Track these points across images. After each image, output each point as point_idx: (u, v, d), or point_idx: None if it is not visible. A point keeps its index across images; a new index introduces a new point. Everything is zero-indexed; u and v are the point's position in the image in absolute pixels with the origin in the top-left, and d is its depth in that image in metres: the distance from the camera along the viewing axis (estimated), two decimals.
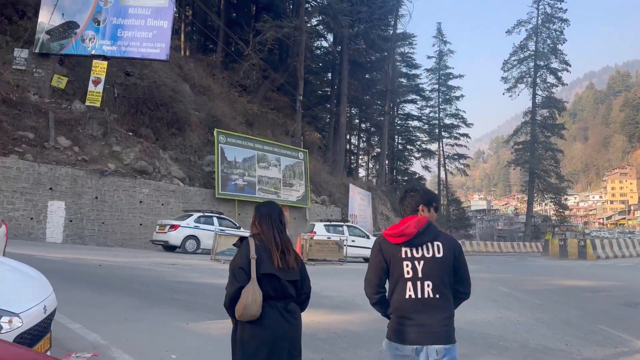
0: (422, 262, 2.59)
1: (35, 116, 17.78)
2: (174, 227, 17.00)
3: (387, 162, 51.14)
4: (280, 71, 34.87)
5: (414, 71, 60.84)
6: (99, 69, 19.03)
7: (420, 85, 62.44)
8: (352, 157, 52.09)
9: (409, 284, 2.59)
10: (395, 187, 52.65)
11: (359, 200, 29.51)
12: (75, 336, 4.97)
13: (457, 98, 64.27)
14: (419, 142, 63.78)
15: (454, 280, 2.69)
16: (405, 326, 2.54)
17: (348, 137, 50.11)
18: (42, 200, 16.49)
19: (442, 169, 63.08)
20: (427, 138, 64.15)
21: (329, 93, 43.12)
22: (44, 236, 16.30)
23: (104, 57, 19.29)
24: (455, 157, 63.87)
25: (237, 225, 19.00)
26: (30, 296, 3.45)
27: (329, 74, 43.70)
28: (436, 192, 73.39)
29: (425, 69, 65.42)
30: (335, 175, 33.93)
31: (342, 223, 20.37)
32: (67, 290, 6.71)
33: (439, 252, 2.63)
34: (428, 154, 63.21)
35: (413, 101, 62.64)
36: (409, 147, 63.74)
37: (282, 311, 2.76)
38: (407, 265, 2.60)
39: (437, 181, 64.40)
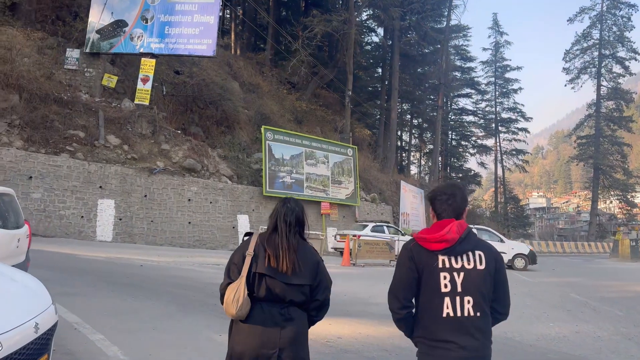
0: (462, 274, 2.27)
1: (85, 115, 17.94)
2: (356, 237, 17.27)
3: (440, 158, 49.43)
4: (329, 67, 34.23)
5: (468, 64, 58.70)
6: (147, 67, 19.01)
7: (476, 79, 60.10)
8: (404, 154, 50.75)
9: (447, 299, 2.25)
10: None
11: (410, 198, 28.41)
12: (95, 349, 4.45)
13: (515, 91, 61.47)
14: (474, 138, 61.46)
15: (492, 297, 2.36)
16: (444, 350, 2.20)
17: (399, 133, 48.89)
18: (92, 198, 16.58)
19: (499, 165, 60.53)
20: (483, 133, 61.78)
21: (379, 88, 42.05)
22: (94, 234, 16.37)
23: (152, 55, 19.27)
24: (513, 152, 61.06)
25: (402, 232, 20.45)
26: (17, 313, 2.89)
27: (379, 69, 42.64)
28: (493, 190, 70.97)
29: (481, 62, 62.87)
30: (386, 173, 32.94)
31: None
32: (99, 294, 6.31)
33: (480, 264, 2.30)
34: (484, 149, 60.77)
35: (468, 95, 60.37)
36: (463, 143, 61.51)
37: (274, 314, 2.58)
38: (445, 278, 2.26)
39: (493, 178, 61.90)
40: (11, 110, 16.15)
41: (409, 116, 51.13)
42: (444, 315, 2.24)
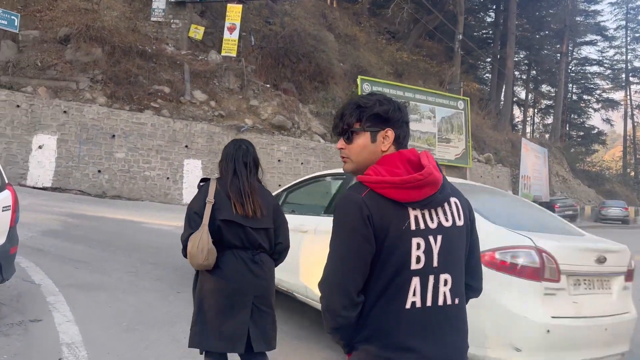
0: (439, 239, 1.46)
1: (170, 69, 16.71)
2: None
3: (564, 113, 43.74)
4: (434, 13, 30.71)
5: (593, 7, 50.96)
6: (234, 13, 17.30)
7: (602, 23, 52.28)
8: (520, 109, 45.60)
9: (415, 281, 1.43)
10: (569, 144, 45.14)
11: (532, 159, 24.62)
12: None
13: None
14: (598, 91, 54.13)
15: None
16: None
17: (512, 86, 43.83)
18: (178, 158, 15.42)
19: (629, 121, 52.95)
20: (610, 85, 54.15)
21: (490, 35, 37.46)
22: (181, 197, 15.26)
23: (238, 1, 17.47)
24: None
25: None
26: None
27: (491, 13, 37.85)
28: (614, 150, 62.70)
29: (609, 3, 54.58)
30: (500, 130, 29.19)
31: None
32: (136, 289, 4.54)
33: (459, 217, 1.52)
34: (610, 104, 53.38)
35: (592, 43, 52.63)
36: (585, 97, 54.43)
37: (247, 262, 2.50)
38: (419, 246, 1.43)
39: (622, 136, 54.43)
40: (94, 64, 15.25)
41: (524, 67, 45.58)
42: (408, 306, 1.42)
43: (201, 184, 2.65)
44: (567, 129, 51.39)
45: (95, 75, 15.19)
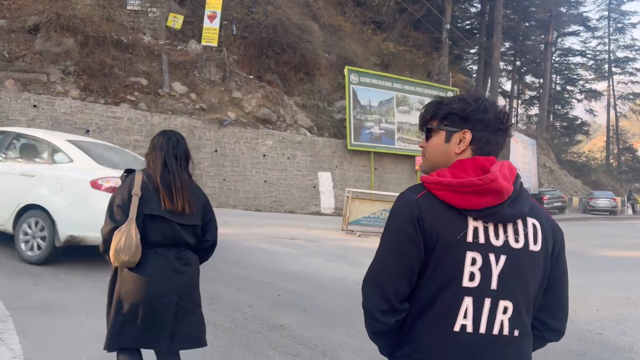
0: (502, 259, 1.30)
1: (148, 60, 15.87)
2: None
3: (549, 103, 43.60)
4: (419, 2, 30.12)
5: None
6: (214, 1, 16.55)
7: (585, 14, 52.20)
8: (506, 101, 45.41)
9: (468, 301, 1.28)
10: (554, 135, 45.09)
11: (522, 151, 24.26)
12: None
13: (634, 25, 53.41)
14: (581, 82, 54.24)
15: (540, 302, 1.39)
16: None
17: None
18: None
19: (612, 111, 53.13)
20: (593, 76, 54.31)
21: (476, 25, 37.00)
22: None
23: None
24: (630, 97, 53.26)
25: None
26: None
27: (476, 4, 37.40)
28: (596, 140, 63.06)
29: None
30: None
31: None
32: None
33: (535, 242, 1.34)
34: (593, 94, 53.49)
35: (575, 33, 52.57)
36: (569, 87, 54.50)
37: (171, 259, 2.38)
38: (474, 262, 1.28)
39: (606, 126, 54.68)
40: (65, 55, 14.34)
41: (510, 58, 45.29)
42: (457, 329, 1.27)
43: (125, 175, 2.47)
44: (551, 119, 51.43)
45: (67, 67, 14.29)
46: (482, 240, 1.29)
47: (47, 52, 14.25)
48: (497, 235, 1.30)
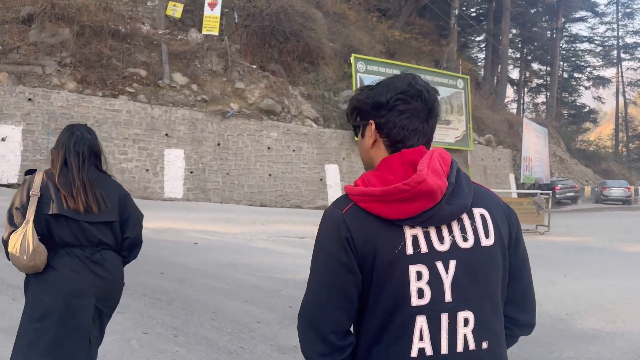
0: (452, 265, 1.15)
1: (147, 50, 15.29)
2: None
3: (558, 91, 42.77)
4: None
5: None
6: None
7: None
8: (513, 89, 44.62)
9: (421, 322, 1.13)
10: (562, 123, 44.30)
11: (534, 139, 23.55)
12: None
13: None
14: (589, 69, 53.27)
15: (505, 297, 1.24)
16: None
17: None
18: (157, 148, 14.09)
19: (620, 98, 52.18)
20: (601, 63, 53.27)
21: (483, 11, 36.16)
22: (162, 191, 13.98)
23: None
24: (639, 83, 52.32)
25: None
26: None
27: None
28: (613, 126, 62.18)
29: None
30: (496, 110, 28.11)
31: None
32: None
33: (486, 235, 1.19)
34: (601, 82, 52.52)
35: (583, 19, 51.57)
36: (576, 75, 53.57)
37: (85, 261, 2.25)
38: (420, 276, 1.13)
39: (614, 113, 53.78)
40: (61, 46, 13.77)
41: (518, 44, 44.40)
42: (414, 354, 1.12)
43: (27, 176, 2.37)
44: (558, 107, 50.63)
45: (63, 59, 13.73)
46: (424, 249, 1.14)
47: (42, 43, 13.68)
48: (441, 239, 1.15)
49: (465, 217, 1.17)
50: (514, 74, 48.35)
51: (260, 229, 8.93)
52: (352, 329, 1.22)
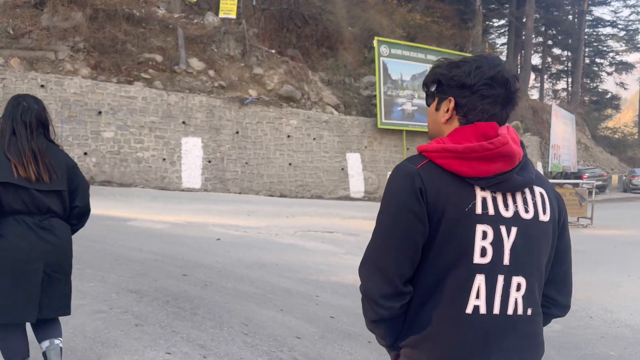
0: (513, 231, 1.21)
1: (162, 34, 14.73)
2: None
3: (582, 77, 41.44)
4: None
5: None
6: None
7: None
8: (536, 75, 43.39)
9: (480, 280, 1.18)
10: (586, 110, 42.98)
11: (562, 127, 22.60)
12: None
13: None
14: (611, 54, 51.58)
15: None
16: None
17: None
18: (174, 136, 13.58)
19: None
20: (624, 47, 51.50)
21: None
22: (180, 181, 13.49)
23: None
24: None
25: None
26: None
27: None
28: (633, 113, 60.49)
29: None
30: (520, 97, 27.10)
31: None
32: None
33: (544, 212, 1.26)
34: (624, 67, 50.81)
35: (605, 3, 49.86)
36: (598, 60, 51.93)
37: (34, 227, 2.33)
38: (485, 236, 1.18)
39: (637, 100, 52.14)
40: (74, 31, 13.27)
41: (541, 29, 43.04)
42: (469, 311, 1.17)
43: None
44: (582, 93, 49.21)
45: (76, 43, 13.24)
46: (491, 211, 1.19)
47: (55, 27, 13.19)
48: (506, 206, 1.20)
49: (527, 191, 1.24)
50: (535, 59, 46.98)
51: (285, 222, 8.36)
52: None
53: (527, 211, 1.21)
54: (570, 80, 48.90)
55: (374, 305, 1.21)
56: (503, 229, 1.18)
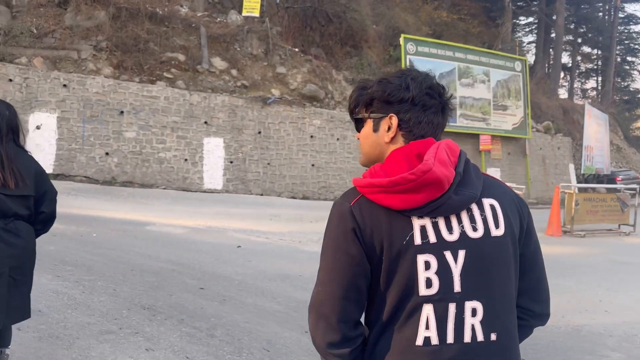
0: (461, 255, 1.16)
1: (185, 33, 14.55)
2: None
3: (614, 75, 40.15)
4: None
5: None
6: None
7: None
8: (566, 74, 42.22)
9: (428, 310, 1.14)
10: (617, 110, 41.62)
11: (595, 127, 21.74)
12: None
13: None
14: None
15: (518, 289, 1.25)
16: None
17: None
18: (196, 137, 13.37)
19: None
20: None
21: None
22: (201, 182, 13.28)
23: None
24: None
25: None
26: None
27: None
28: None
29: None
30: (550, 96, 26.31)
31: None
32: None
33: (496, 225, 1.19)
34: None
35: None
36: (629, 58, 50.29)
37: None
38: (428, 266, 1.14)
39: None
40: (97, 30, 13.17)
41: (571, 26, 41.86)
42: (419, 342, 1.14)
43: None
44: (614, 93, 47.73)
45: (99, 42, 13.13)
46: (432, 239, 1.14)
47: (78, 26, 13.10)
48: (449, 230, 1.15)
49: (474, 207, 1.17)
50: (563, 57, 45.67)
51: (309, 227, 8.00)
52: (362, 320, 1.21)
53: (475, 230, 1.16)
54: (600, 79, 47.46)
55: (323, 354, 1.19)
56: (448, 254, 1.14)
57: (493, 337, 1.15)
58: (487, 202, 1.18)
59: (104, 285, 4.19)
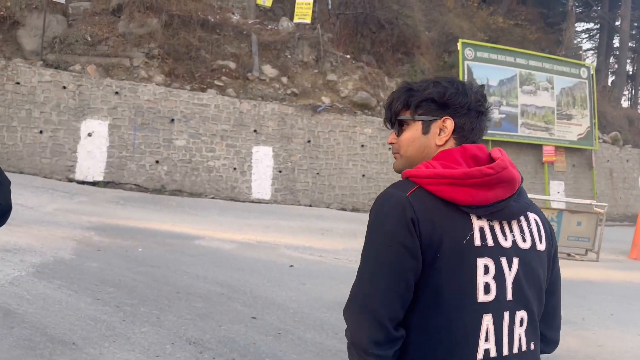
0: (515, 263, 1.13)
1: (236, 41, 14.36)
2: None
3: None
4: None
5: None
6: None
7: None
8: (628, 82, 39.96)
9: (488, 320, 1.08)
10: None
11: None
12: None
13: None
14: None
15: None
16: None
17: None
18: (245, 145, 13.09)
19: None
20: None
21: None
22: (249, 191, 12.97)
23: None
24: None
25: None
26: None
27: None
28: None
29: None
30: (615, 105, 24.78)
31: None
32: None
33: (540, 240, 1.19)
34: None
35: None
36: None
37: None
38: (487, 270, 1.09)
39: None
40: (149, 37, 13.15)
41: (632, 32, 39.65)
42: (480, 356, 1.06)
43: None
44: None
45: (151, 50, 13.10)
46: (490, 242, 1.10)
47: (130, 34, 13.13)
48: (504, 235, 1.12)
49: (523, 218, 1.16)
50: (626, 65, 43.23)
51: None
52: None
53: (524, 240, 1.15)
54: None
55: (363, 355, 1.06)
56: (504, 260, 1.10)
57: (532, 346, 1.15)
58: (532, 216, 1.18)
59: (147, 311, 3.78)
